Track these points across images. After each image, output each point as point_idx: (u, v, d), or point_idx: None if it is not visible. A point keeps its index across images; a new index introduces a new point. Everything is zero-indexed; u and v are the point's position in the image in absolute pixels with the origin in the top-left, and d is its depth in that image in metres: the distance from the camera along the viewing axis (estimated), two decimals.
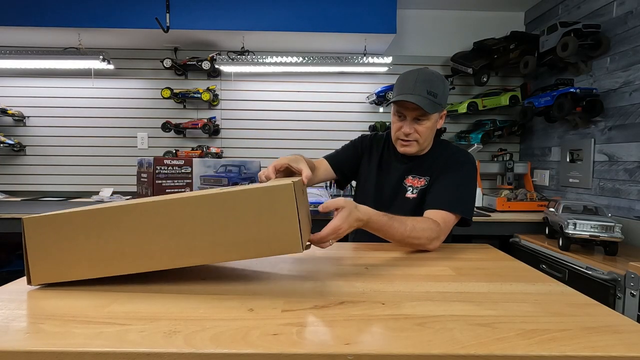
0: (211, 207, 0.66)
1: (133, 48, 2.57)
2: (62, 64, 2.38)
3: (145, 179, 1.75)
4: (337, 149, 1.38)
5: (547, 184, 2.34)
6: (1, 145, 2.46)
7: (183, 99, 2.56)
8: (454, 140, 2.62)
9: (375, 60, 2.32)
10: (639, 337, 0.52)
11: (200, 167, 1.84)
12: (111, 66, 2.40)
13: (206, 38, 2.38)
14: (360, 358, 0.47)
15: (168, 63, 2.48)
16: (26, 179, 2.63)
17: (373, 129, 2.59)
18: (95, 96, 2.61)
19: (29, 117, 2.59)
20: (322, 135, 2.67)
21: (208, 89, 2.54)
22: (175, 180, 1.77)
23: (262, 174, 0.90)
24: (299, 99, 2.67)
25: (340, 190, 1.52)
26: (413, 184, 1.21)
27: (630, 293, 1.23)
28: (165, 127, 2.54)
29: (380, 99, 2.44)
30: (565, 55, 1.93)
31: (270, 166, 0.90)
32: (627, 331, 0.54)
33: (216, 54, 2.37)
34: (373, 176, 1.28)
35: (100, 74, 2.58)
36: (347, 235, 0.90)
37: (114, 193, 2.44)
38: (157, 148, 2.65)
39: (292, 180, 0.68)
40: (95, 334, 0.51)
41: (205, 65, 2.43)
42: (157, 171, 1.71)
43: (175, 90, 2.53)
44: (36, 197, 2.48)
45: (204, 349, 0.47)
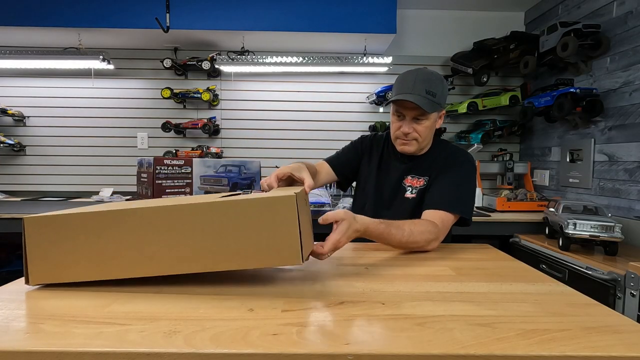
0: (212, 215, 0.65)
1: (133, 48, 2.57)
2: (62, 64, 2.38)
3: (145, 179, 1.75)
4: (338, 151, 1.38)
5: (547, 184, 2.34)
6: (1, 145, 2.47)
7: (183, 99, 2.56)
8: (454, 140, 2.62)
9: (375, 60, 2.32)
10: (639, 337, 0.52)
11: (200, 167, 1.84)
12: (111, 66, 2.40)
13: (206, 38, 2.38)
14: (360, 358, 0.47)
15: (168, 63, 2.48)
16: (26, 179, 2.63)
17: (373, 129, 2.59)
18: (95, 96, 2.61)
19: (29, 117, 2.59)
20: (322, 135, 2.67)
21: (208, 89, 2.54)
22: (175, 180, 1.77)
23: (265, 182, 0.89)
24: (299, 99, 2.67)
25: (342, 191, 1.52)
26: (412, 184, 1.21)
27: (630, 293, 1.24)
28: (165, 127, 2.55)
29: (380, 99, 2.44)
30: (565, 55, 1.93)
31: (273, 175, 0.89)
32: (627, 331, 0.54)
33: (216, 54, 2.37)
34: (373, 176, 1.28)
35: (100, 74, 2.58)
36: None
37: (114, 193, 2.44)
38: (157, 148, 2.65)
39: (295, 191, 0.67)
40: (95, 334, 0.51)
41: (205, 65, 2.43)
42: (157, 171, 1.71)
43: (175, 90, 2.53)
44: (36, 197, 2.48)
45: (204, 349, 0.47)
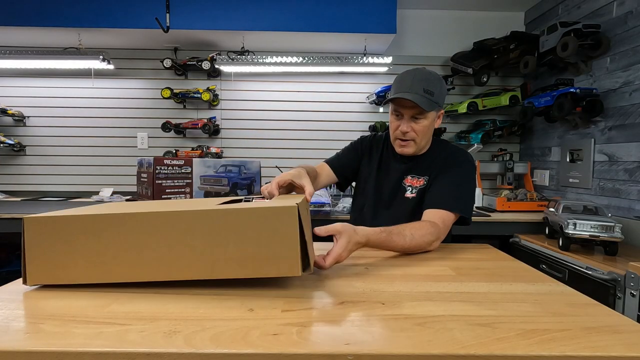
0: (212, 222, 0.65)
1: (133, 48, 2.57)
2: (62, 64, 2.38)
3: (145, 179, 1.75)
4: (338, 152, 1.38)
5: (547, 184, 2.34)
6: (1, 145, 2.47)
7: (183, 99, 2.56)
8: (454, 140, 2.62)
9: (375, 60, 2.32)
10: (639, 337, 0.52)
11: (200, 167, 1.84)
12: (111, 66, 2.40)
13: (206, 38, 2.38)
14: (360, 358, 0.47)
15: (168, 63, 2.48)
16: (26, 179, 2.63)
17: (373, 129, 2.59)
18: (95, 96, 2.61)
19: (29, 117, 2.59)
20: (322, 135, 2.67)
21: (208, 89, 2.54)
22: (175, 180, 1.77)
23: (265, 189, 0.89)
24: (299, 99, 2.67)
25: (341, 192, 1.51)
26: (412, 184, 1.21)
27: (630, 293, 1.23)
28: (165, 127, 2.54)
29: (380, 99, 2.43)
30: (565, 55, 1.93)
31: (274, 182, 0.89)
32: (627, 331, 0.54)
33: (216, 54, 2.37)
34: (373, 177, 1.29)
35: (100, 74, 2.58)
36: None
37: (114, 193, 2.44)
38: (157, 148, 2.65)
39: (296, 201, 0.67)
40: (95, 334, 0.51)
41: (205, 65, 2.43)
42: (157, 171, 1.71)
43: (175, 90, 2.53)
44: (36, 197, 2.48)
45: (204, 349, 0.47)
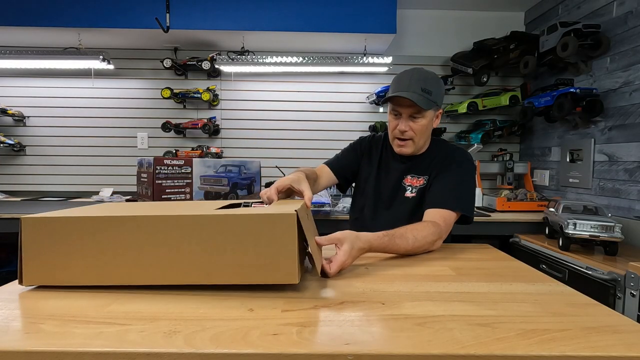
0: (210, 228, 0.65)
1: (133, 48, 2.57)
2: (62, 64, 2.38)
3: (145, 179, 1.75)
4: (337, 153, 1.39)
5: (547, 184, 2.34)
6: (1, 145, 2.46)
7: (183, 99, 2.56)
8: (454, 140, 2.62)
9: (375, 60, 2.32)
10: (639, 337, 0.52)
11: (200, 167, 1.84)
12: (111, 66, 2.40)
13: (206, 38, 2.38)
14: (360, 358, 0.47)
15: (168, 63, 2.48)
16: (26, 179, 2.63)
17: (373, 129, 2.59)
18: (95, 96, 2.61)
19: (29, 117, 2.59)
20: (322, 135, 2.67)
21: (208, 89, 2.54)
22: (175, 180, 1.77)
23: (264, 194, 0.89)
24: (299, 99, 2.66)
25: (341, 193, 1.51)
26: (412, 184, 1.21)
27: (630, 293, 1.23)
28: (165, 127, 2.54)
29: (380, 99, 2.43)
30: (565, 55, 1.92)
31: (273, 187, 0.89)
32: (627, 331, 0.54)
33: (216, 54, 2.37)
34: (372, 177, 1.29)
35: (100, 74, 2.58)
36: None
37: (114, 193, 2.44)
38: (157, 148, 2.65)
39: (295, 208, 0.67)
40: (95, 334, 0.51)
41: (205, 65, 2.43)
42: (157, 171, 1.71)
43: (175, 90, 2.53)
44: (36, 197, 2.48)
45: (204, 349, 0.47)
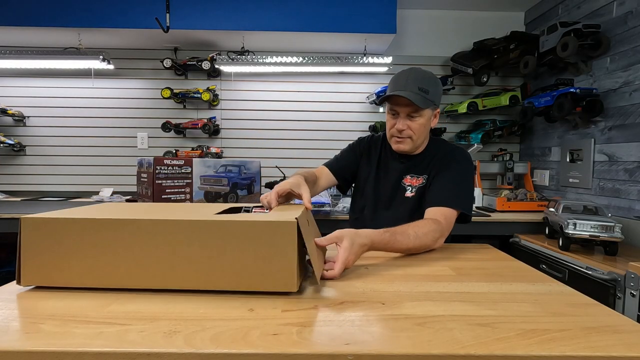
0: (210, 233, 0.64)
1: (133, 48, 2.57)
2: (62, 64, 2.37)
3: (145, 179, 1.75)
4: (336, 154, 1.39)
5: (547, 184, 2.34)
6: (1, 145, 2.46)
7: (183, 99, 2.56)
8: (454, 140, 2.62)
9: (375, 60, 2.32)
10: (639, 337, 0.52)
11: (200, 167, 1.84)
12: (111, 66, 2.40)
13: (206, 38, 2.38)
14: (360, 358, 0.47)
15: (168, 63, 2.48)
16: (26, 179, 2.63)
17: (373, 129, 2.59)
18: (95, 96, 2.61)
19: (29, 117, 2.59)
20: (322, 135, 2.67)
21: (208, 89, 2.54)
22: (175, 180, 1.77)
23: (264, 198, 0.89)
24: (299, 99, 2.66)
25: (341, 194, 1.51)
26: (412, 183, 1.22)
27: (630, 293, 1.23)
28: (165, 127, 2.54)
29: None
30: (565, 55, 1.92)
31: (273, 191, 0.89)
32: (627, 331, 0.54)
33: (216, 54, 2.37)
34: (372, 177, 1.29)
35: (100, 74, 2.58)
36: None
37: (114, 193, 2.44)
38: (157, 148, 2.65)
39: (296, 215, 0.66)
40: (95, 334, 0.51)
41: (205, 65, 2.43)
42: (157, 171, 1.71)
43: (175, 90, 2.53)
44: (36, 197, 2.48)
45: (204, 349, 0.47)
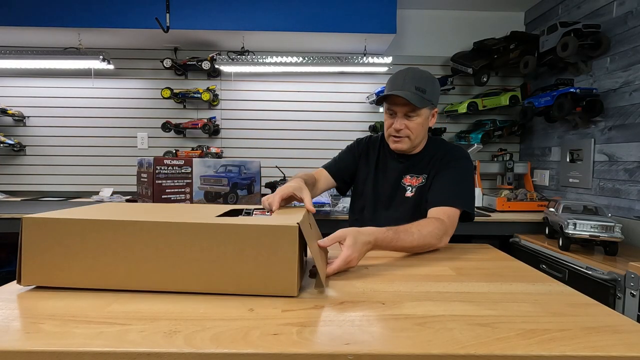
0: (211, 236, 0.64)
1: (133, 48, 2.57)
2: (62, 64, 2.37)
3: (145, 179, 1.75)
4: (335, 157, 1.39)
5: (547, 184, 2.34)
6: (1, 145, 2.46)
7: (183, 99, 2.56)
8: (454, 140, 2.62)
9: (375, 60, 2.32)
10: (639, 337, 0.52)
11: (200, 167, 1.84)
12: (111, 66, 2.40)
13: (206, 38, 2.38)
14: (360, 358, 0.47)
15: (168, 63, 2.48)
16: (26, 179, 2.63)
17: (373, 128, 2.59)
18: (95, 96, 2.61)
19: (29, 117, 2.59)
20: (322, 135, 2.67)
21: (208, 89, 2.54)
22: (175, 180, 1.77)
23: (266, 200, 0.88)
24: (299, 99, 2.66)
25: (342, 196, 1.52)
26: (412, 183, 1.22)
27: (630, 293, 1.23)
28: (165, 127, 2.54)
29: None
30: (565, 55, 1.92)
31: (277, 195, 0.88)
32: (627, 331, 0.54)
33: (216, 54, 2.37)
34: (371, 177, 1.29)
35: (100, 74, 2.58)
36: None
37: (114, 193, 2.44)
38: (157, 148, 2.65)
39: (298, 219, 0.66)
40: (95, 334, 0.51)
41: (205, 65, 2.43)
42: (157, 171, 1.71)
43: (175, 90, 2.53)
44: (36, 197, 2.48)
45: (204, 349, 0.47)
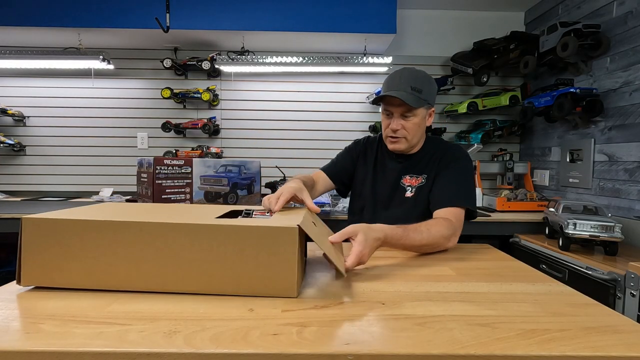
0: (211, 237, 0.64)
1: (133, 48, 2.57)
2: (62, 64, 2.37)
3: (145, 179, 1.75)
4: (333, 159, 1.39)
5: (547, 184, 2.34)
6: (1, 145, 2.46)
7: (183, 99, 2.56)
8: (454, 140, 2.62)
9: (375, 60, 2.32)
10: (639, 337, 0.52)
11: (200, 167, 1.84)
12: (111, 66, 2.40)
13: (206, 38, 2.38)
14: (360, 358, 0.47)
15: (168, 63, 2.48)
16: (26, 179, 2.63)
17: (373, 129, 2.59)
18: (95, 96, 2.61)
19: (29, 117, 2.59)
20: (322, 135, 2.67)
21: (208, 89, 2.54)
22: (175, 180, 1.77)
23: (266, 200, 0.88)
24: (299, 99, 2.66)
25: (342, 197, 1.52)
26: (412, 184, 1.22)
27: (630, 293, 1.23)
28: (165, 127, 2.54)
29: None
30: (565, 55, 1.92)
31: (281, 198, 0.87)
32: (627, 331, 0.54)
33: (216, 54, 2.37)
34: (369, 177, 1.29)
35: (100, 74, 2.58)
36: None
37: (114, 193, 2.44)
38: (157, 148, 2.65)
39: (298, 220, 0.66)
40: (95, 334, 0.51)
41: (205, 65, 2.43)
42: (157, 171, 1.71)
43: (175, 90, 2.53)
44: (36, 197, 2.48)
45: (204, 349, 0.47)
